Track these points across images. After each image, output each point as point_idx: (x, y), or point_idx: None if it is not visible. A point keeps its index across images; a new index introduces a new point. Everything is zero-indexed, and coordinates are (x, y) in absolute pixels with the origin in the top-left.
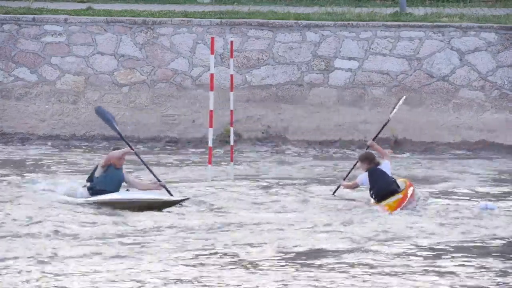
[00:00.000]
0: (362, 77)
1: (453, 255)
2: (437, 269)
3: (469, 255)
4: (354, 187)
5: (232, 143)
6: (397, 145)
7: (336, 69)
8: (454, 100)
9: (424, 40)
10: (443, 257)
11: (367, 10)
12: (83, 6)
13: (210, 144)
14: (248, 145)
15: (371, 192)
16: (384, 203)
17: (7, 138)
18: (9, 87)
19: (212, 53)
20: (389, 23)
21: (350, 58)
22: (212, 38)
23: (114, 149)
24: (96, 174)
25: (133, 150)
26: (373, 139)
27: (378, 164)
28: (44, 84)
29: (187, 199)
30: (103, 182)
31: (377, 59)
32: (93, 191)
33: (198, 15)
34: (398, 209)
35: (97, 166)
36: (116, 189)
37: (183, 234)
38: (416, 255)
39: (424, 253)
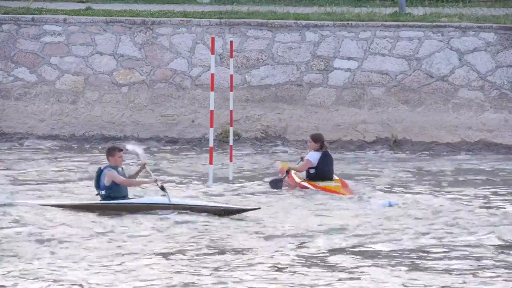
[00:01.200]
0: (361, 77)
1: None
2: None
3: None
4: (307, 167)
5: (231, 143)
6: (396, 145)
7: (335, 69)
8: (454, 100)
9: (423, 40)
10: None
11: (366, 10)
12: (82, 6)
13: (211, 144)
14: (247, 145)
15: (313, 172)
16: (321, 184)
17: (6, 138)
18: (8, 87)
19: (212, 53)
20: (388, 23)
21: (349, 58)
22: (213, 38)
23: (110, 149)
24: (107, 182)
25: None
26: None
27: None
28: (43, 84)
29: (259, 208)
30: (122, 189)
31: (376, 59)
32: (110, 199)
33: (197, 15)
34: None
35: (101, 172)
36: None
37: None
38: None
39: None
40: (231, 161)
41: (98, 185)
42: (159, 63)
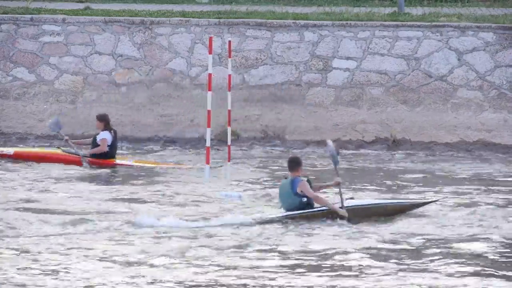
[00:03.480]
0: (360, 77)
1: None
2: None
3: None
4: (106, 145)
5: (229, 142)
6: (395, 145)
7: (334, 69)
8: (452, 100)
9: (422, 40)
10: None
11: (365, 10)
12: (81, 6)
13: (207, 144)
14: (246, 144)
15: (109, 150)
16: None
17: (6, 138)
18: (7, 87)
19: (210, 53)
20: (387, 23)
21: (348, 58)
22: (210, 38)
23: (298, 160)
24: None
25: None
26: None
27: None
28: (42, 84)
29: (436, 201)
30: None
31: (375, 59)
32: (310, 206)
33: (196, 15)
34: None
35: (292, 182)
36: None
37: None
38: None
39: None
40: (229, 161)
41: (293, 194)
42: (158, 63)
